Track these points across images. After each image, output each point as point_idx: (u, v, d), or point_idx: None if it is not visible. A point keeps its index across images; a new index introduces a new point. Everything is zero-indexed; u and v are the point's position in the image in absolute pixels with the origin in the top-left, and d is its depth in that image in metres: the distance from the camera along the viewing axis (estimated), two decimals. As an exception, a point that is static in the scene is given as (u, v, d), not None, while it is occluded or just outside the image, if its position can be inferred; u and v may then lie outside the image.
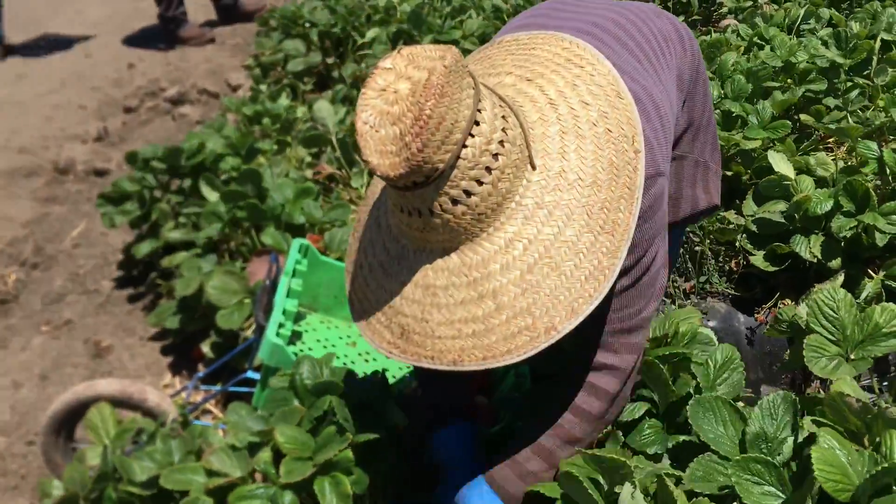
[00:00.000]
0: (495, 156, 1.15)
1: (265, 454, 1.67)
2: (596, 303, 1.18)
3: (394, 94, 1.11)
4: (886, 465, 1.13)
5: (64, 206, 3.95)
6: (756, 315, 2.30)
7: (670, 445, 1.49)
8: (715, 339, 1.80)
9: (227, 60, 5.54)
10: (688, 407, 1.41)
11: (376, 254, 1.33)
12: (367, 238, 1.38)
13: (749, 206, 2.37)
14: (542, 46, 1.39)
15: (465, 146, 1.13)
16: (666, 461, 1.48)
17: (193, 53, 5.70)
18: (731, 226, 2.40)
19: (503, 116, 1.18)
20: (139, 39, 6.02)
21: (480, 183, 1.15)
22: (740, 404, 1.49)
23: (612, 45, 1.48)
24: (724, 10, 3.98)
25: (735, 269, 2.43)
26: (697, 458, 1.36)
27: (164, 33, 5.86)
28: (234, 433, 1.76)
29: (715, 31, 3.63)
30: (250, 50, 5.52)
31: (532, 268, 1.18)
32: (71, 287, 3.33)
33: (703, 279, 2.42)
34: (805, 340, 1.45)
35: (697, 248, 2.45)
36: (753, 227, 2.30)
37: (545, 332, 1.17)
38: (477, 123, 1.14)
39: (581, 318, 1.17)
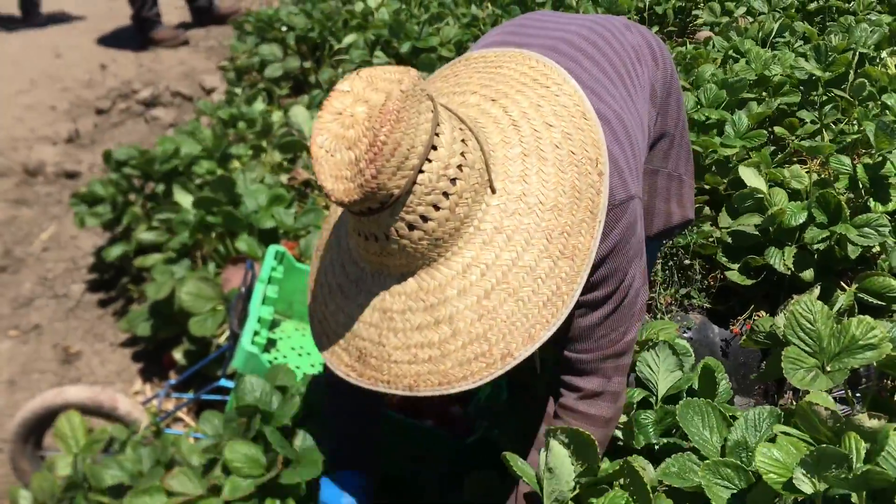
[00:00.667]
0: (453, 180, 1.13)
1: (218, 470, 1.66)
2: (554, 328, 1.17)
3: (350, 117, 1.09)
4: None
5: (33, 209, 3.88)
6: (731, 327, 2.32)
7: (660, 444, 1.52)
8: (691, 349, 1.82)
9: (201, 63, 5.49)
10: (678, 407, 1.44)
11: (336, 275, 1.32)
12: (327, 258, 1.36)
13: (724, 218, 2.39)
14: (509, 65, 1.38)
15: (421, 171, 1.10)
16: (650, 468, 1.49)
17: (167, 55, 5.64)
18: (711, 240, 2.42)
19: (463, 140, 1.16)
20: (112, 40, 5.95)
21: (437, 208, 1.13)
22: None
23: (582, 62, 1.47)
24: (700, 21, 4.02)
25: (712, 282, 2.45)
26: (676, 455, 1.39)
27: (138, 34, 5.80)
28: (194, 450, 1.75)
29: (691, 43, 3.67)
30: (224, 53, 5.48)
31: (489, 293, 1.16)
32: (40, 291, 3.27)
33: (683, 292, 2.43)
34: (783, 352, 1.46)
35: (687, 262, 2.46)
36: (728, 240, 2.32)
37: (501, 359, 1.16)
38: (434, 148, 1.11)
39: (538, 345, 1.16)
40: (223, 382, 2.27)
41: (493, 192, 1.18)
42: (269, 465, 1.62)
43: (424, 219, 1.13)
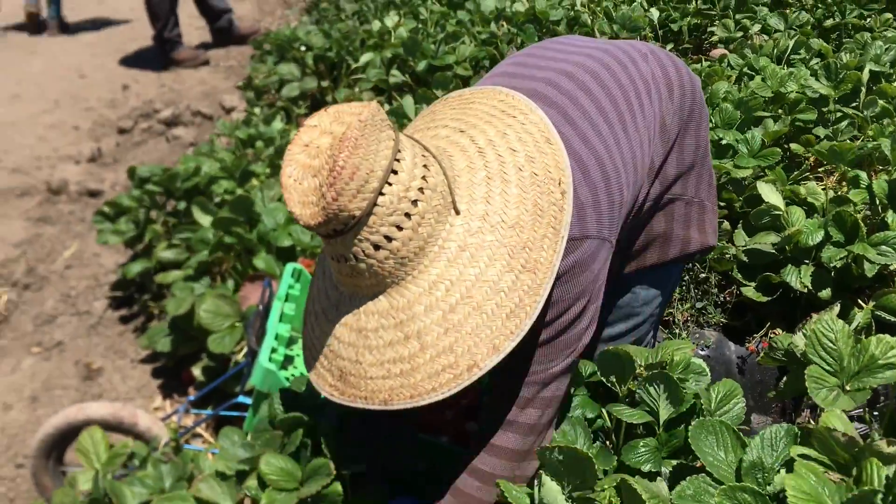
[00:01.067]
0: (414, 202, 1.19)
1: (252, 482, 1.67)
2: (517, 339, 1.20)
3: (316, 148, 1.17)
4: (856, 491, 1.15)
5: (56, 227, 3.94)
6: (747, 345, 2.32)
7: (671, 468, 1.50)
8: (707, 369, 1.82)
9: (222, 82, 5.57)
10: (690, 427, 1.43)
11: (321, 301, 1.38)
12: (315, 287, 1.42)
13: (740, 236, 2.39)
14: (480, 100, 1.44)
15: (382, 194, 1.17)
16: (661, 482, 1.48)
17: (188, 75, 5.73)
18: (728, 256, 2.41)
19: (424, 165, 1.22)
20: (134, 60, 6.05)
21: (400, 228, 1.19)
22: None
23: (579, 98, 1.49)
24: (715, 38, 4.03)
25: (728, 298, 2.45)
26: (691, 478, 1.37)
27: (160, 55, 5.89)
28: (224, 460, 1.76)
29: (706, 61, 3.68)
30: (244, 72, 5.55)
31: (454, 308, 1.21)
32: (62, 308, 3.32)
33: (699, 306, 2.43)
34: (807, 371, 1.46)
35: (703, 275, 2.46)
36: (744, 258, 2.32)
37: (468, 370, 1.20)
38: (395, 172, 1.18)
39: (503, 355, 1.20)
40: (241, 399, 2.29)
41: (458, 213, 1.24)
42: (304, 479, 1.62)
43: (388, 239, 1.19)
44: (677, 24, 3.97)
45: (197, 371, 2.70)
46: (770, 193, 2.32)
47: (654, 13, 3.93)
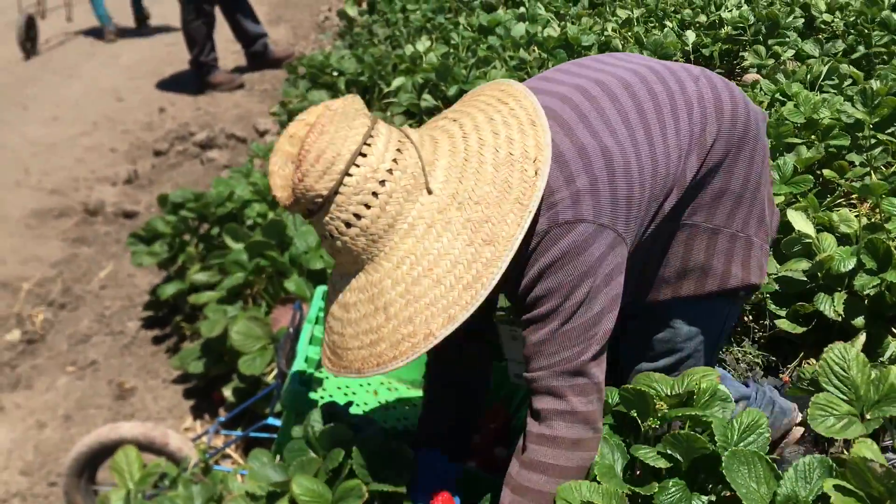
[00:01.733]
0: (382, 182, 1.30)
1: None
2: (471, 309, 1.28)
3: (296, 138, 1.31)
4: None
5: (92, 248, 4.02)
6: (781, 375, 2.29)
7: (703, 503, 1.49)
8: (732, 397, 1.80)
9: (256, 106, 5.66)
10: (724, 457, 1.42)
11: (330, 286, 1.50)
12: (330, 284, 1.53)
13: (772, 264, 2.37)
14: (485, 91, 1.53)
15: (349, 175, 1.28)
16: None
17: (223, 98, 5.83)
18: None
19: (398, 149, 1.32)
20: (170, 84, 6.18)
21: (368, 207, 1.30)
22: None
23: (600, 98, 1.51)
24: (747, 63, 4.02)
25: (762, 331, 2.41)
26: (724, 511, 1.36)
27: (196, 78, 6.01)
28: (254, 481, 1.78)
29: (738, 84, 3.67)
30: (278, 96, 5.64)
31: (417, 280, 1.31)
32: (97, 328, 3.38)
33: (741, 347, 2.39)
34: (812, 399, 1.45)
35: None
36: (776, 286, 2.30)
37: (424, 339, 1.29)
38: (364, 155, 1.29)
39: (456, 324, 1.28)
40: (271, 420, 2.31)
41: (430, 192, 1.33)
42: (335, 501, 1.63)
43: (357, 216, 1.30)
44: (708, 49, 3.97)
45: (227, 392, 2.73)
46: (801, 221, 2.31)
47: (691, 36, 3.93)
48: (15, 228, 4.21)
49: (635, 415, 1.63)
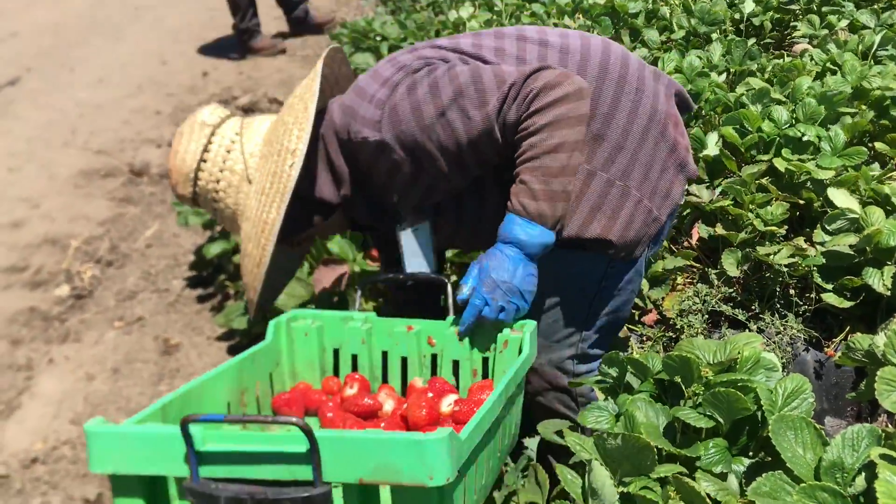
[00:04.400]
0: (218, 181, 1.78)
1: None
2: (267, 245, 1.69)
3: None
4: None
5: (138, 208, 4.09)
6: (826, 349, 2.27)
7: (744, 467, 1.49)
8: (779, 364, 1.79)
9: (298, 71, 5.68)
10: (772, 420, 1.42)
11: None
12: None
13: (820, 235, 2.34)
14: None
15: (199, 178, 1.78)
16: (733, 480, 1.48)
17: (265, 63, 5.86)
18: (805, 260, 2.34)
19: (228, 150, 1.77)
20: (214, 49, 6.22)
21: (216, 200, 1.81)
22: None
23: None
24: (798, 34, 3.93)
25: (806, 304, 2.39)
26: (767, 474, 1.36)
27: (238, 43, 6.04)
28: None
29: (788, 56, 3.60)
30: (320, 61, 5.65)
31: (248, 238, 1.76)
32: (143, 285, 3.45)
33: (784, 321, 2.36)
34: (878, 373, 1.44)
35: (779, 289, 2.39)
36: (823, 259, 2.27)
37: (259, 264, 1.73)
38: (205, 161, 1.76)
39: (269, 240, 1.69)
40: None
41: (251, 182, 1.76)
42: None
43: (217, 202, 1.81)
44: (759, 18, 3.89)
45: (270, 350, 2.77)
46: (841, 197, 2.27)
47: (749, 5, 3.84)
48: (63, 187, 4.30)
49: (679, 381, 1.64)
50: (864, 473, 1.34)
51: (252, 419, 1.09)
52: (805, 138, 2.54)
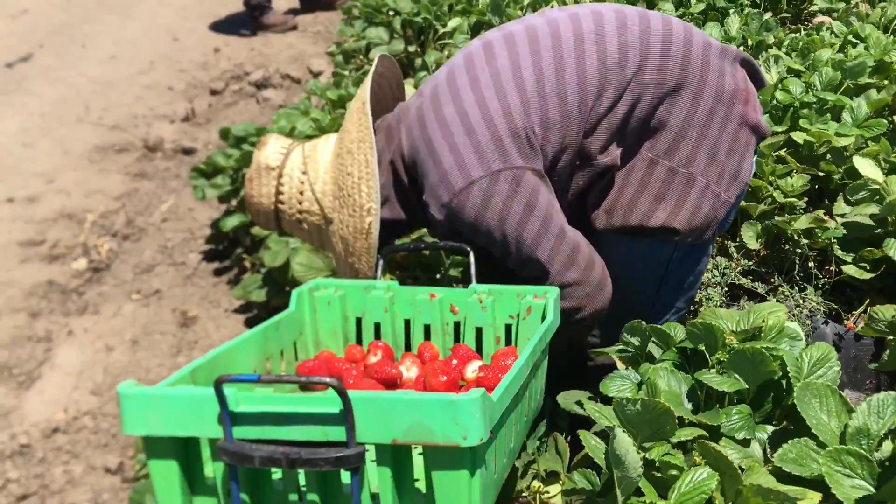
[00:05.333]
0: (299, 221, 1.84)
1: None
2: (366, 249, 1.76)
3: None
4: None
5: (153, 182, 4.10)
6: (845, 322, 2.27)
7: (768, 434, 1.49)
8: (802, 333, 1.79)
9: (309, 47, 5.66)
10: (796, 388, 1.42)
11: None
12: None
13: (840, 206, 2.33)
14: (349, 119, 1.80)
15: (280, 221, 1.86)
16: (756, 447, 1.48)
17: (276, 40, 5.84)
18: (825, 232, 2.33)
19: (300, 192, 1.81)
20: (225, 25, 6.19)
21: (301, 232, 1.89)
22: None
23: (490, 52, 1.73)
24: (815, 7, 3.90)
25: (826, 277, 2.38)
26: (793, 441, 1.37)
27: (249, 20, 6.02)
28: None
29: (805, 29, 3.57)
30: (331, 38, 5.63)
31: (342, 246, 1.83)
32: (160, 258, 3.47)
33: (804, 294, 2.36)
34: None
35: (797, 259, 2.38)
36: (844, 231, 2.26)
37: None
38: (281, 203, 1.83)
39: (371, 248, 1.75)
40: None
41: (329, 222, 1.80)
42: None
43: (306, 237, 1.90)
44: (776, -9, 3.86)
45: (287, 322, 2.78)
46: (867, 167, 2.26)
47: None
48: (78, 162, 4.31)
49: (703, 349, 1.64)
50: (890, 439, 1.34)
51: (287, 379, 1.10)
52: (826, 105, 2.52)
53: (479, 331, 1.69)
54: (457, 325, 1.72)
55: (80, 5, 6.76)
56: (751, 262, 2.43)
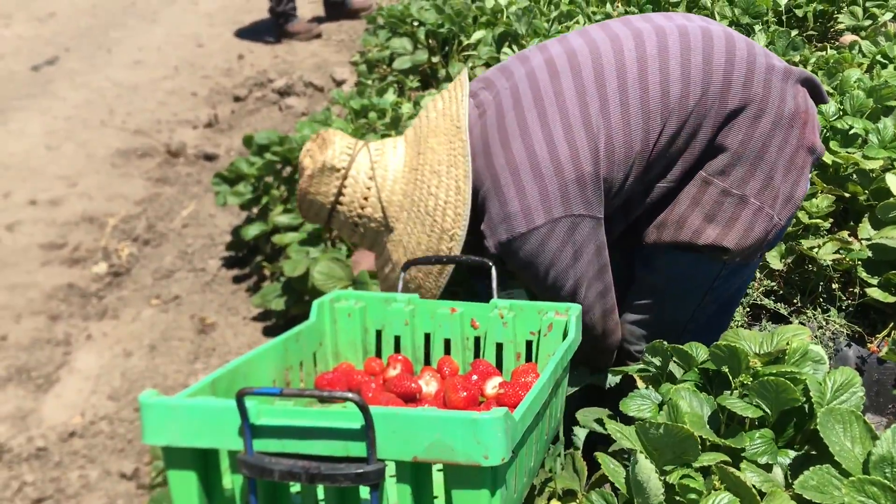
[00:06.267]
0: (355, 224, 1.83)
1: None
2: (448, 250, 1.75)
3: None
4: None
5: (175, 188, 4.13)
6: (869, 345, 2.24)
7: (790, 459, 1.47)
8: (826, 357, 1.77)
9: (333, 56, 5.69)
10: (819, 413, 1.40)
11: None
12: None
13: (866, 229, 2.31)
14: (439, 115, 1.79)
15: (331, 220, 1.84)
16: (778, 472, 1.46)
17: (300, 47, 5.87)
18: (849, 254, 2.31)
19: (365, 198, 1.79)
20: (249, 32, 6.24)
21: (353, 234, 1.87)
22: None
23: (570, 77, 1.69)
24: (842, 26, 3.87)
25: (850, 299, 2.35)
26: (815, 468, 1.35)
27: (274, 27, 6.06)
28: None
29: (832, 48, 3.54)
30: (355, 46, 5.65)
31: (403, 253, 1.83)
32: (180, 264, 3.48)
33: (827, 315, 2.33)
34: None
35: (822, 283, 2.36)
36: (869, 253, 2.24)
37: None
38: (340, 204, 1.81)
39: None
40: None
41: (391, 230, 1.82)
42: None
43: (357, 239, 1.88)
44: (802, 9, 3.83)
45: (305, 331, 2.78)
46: (897, 186, 2.24)
47: (785, -4, 3.79)
48: (101, 166, 4.35)
49: (726, 370, 1.62)
50: (916, 469, 1.32)
51: (309, 394, 1.09)
52: (852, 131, 2.50)
53: (499, 346, 1.68)
54: (477, 340, 1.71)
55: (106, 10, 6.83)
56: (773, 283, 2.41)
